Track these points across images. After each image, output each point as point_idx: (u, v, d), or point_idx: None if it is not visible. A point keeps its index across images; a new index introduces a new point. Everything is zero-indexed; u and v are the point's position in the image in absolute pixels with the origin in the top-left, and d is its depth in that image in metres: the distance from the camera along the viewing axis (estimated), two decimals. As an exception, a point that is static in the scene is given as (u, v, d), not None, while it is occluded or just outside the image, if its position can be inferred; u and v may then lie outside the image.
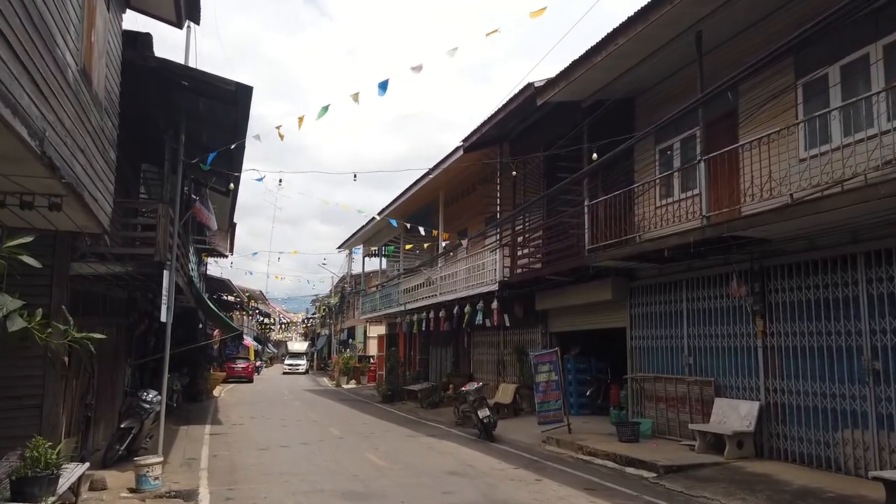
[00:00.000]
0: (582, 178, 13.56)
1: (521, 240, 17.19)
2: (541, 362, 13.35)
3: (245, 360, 41.24)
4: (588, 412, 16.50)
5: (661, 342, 12.69)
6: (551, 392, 13.19)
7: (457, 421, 16.98)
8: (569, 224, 14.24)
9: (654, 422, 12.34)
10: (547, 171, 17.55)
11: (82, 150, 6.40)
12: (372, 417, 19.22)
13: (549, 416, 13.13)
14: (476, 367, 21.99)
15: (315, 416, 19.27)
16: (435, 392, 21.85)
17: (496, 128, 16.55)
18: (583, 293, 14.88)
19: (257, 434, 15.04)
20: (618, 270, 13.63)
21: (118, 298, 13.90)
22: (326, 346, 61.05)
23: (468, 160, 18.83)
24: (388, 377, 27.62)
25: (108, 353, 13.07)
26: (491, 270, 17.85)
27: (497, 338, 20.39)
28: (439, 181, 21.48)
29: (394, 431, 15.64)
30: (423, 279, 23.37)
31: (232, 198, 18.19)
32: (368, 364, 38.19)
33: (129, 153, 14.33)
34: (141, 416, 10.45)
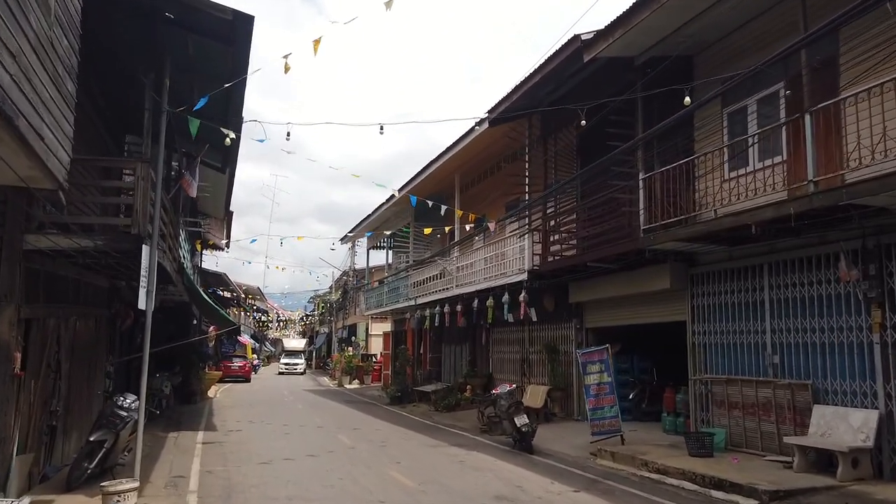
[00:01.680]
0: (635, 148, 11.68)
1: (553, 224, 15.27)
2: (589, 362, 11.44)
3: (242, 359, 39.29)
4: (630, 418, 14.56)
5: (735, 338, 10.78)
6: (604, 396, 11.29)
7: (481, 427, 15.08)
8: (618, 202, 12.32)
9: (727, 432, 10.45)
10: (581, 149, 15.69)
11: (13, 55, 4.47)
12: (383, 422, 17.30)
13: (605, 425, 11.23)
14: (496, 367, 20.08)
15: (320, 421, 17.34)
16: (451, 394, 19.94)
17: (526, 97, 14.61)
18: (631, 282, 12.98)
19: (257, 443, 13.11)
20: (677, 255, 11.73)
21: (96, 286, 11.97)
22: (326, 344, 59.11)
23: (490, 137, 16.92)
24: (397, 377, 25.70)
25: (83, 350, 11.14)
26: (517, 259, 15.94)
27: (520, 334, 18.48)
28: (456, 162, 19.57)
29: (412, 439, 13.71)
30: (437, 270, 21.45)
31: (228, 179, 16.24)
32: (372, 363, 36.26)
33: (110, 123, 12.38)
34: (116, 426, 8.50)
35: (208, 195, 15.59)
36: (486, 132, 16.14)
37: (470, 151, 17.88)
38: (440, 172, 20.65)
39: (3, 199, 7.26)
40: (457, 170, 20.49)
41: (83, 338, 11.18)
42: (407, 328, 26.50)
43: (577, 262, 13.71)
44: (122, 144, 13.70)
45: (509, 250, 16.33)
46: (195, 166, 11.74)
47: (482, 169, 20.93)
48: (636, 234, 11.61)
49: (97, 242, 7.68)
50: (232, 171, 15.13)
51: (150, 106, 8.20)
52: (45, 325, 8.57)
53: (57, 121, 5.66)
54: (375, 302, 29.62)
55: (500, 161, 18.84)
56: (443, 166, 20.03)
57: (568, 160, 15.76)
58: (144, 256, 7.73)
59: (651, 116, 12.07)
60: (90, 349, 11.76)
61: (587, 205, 13.39)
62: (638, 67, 12.11)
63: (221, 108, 9.79)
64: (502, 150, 18.38)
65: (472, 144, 17.08)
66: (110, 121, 12.02)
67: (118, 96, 11.07)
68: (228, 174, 15.32)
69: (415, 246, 25.30)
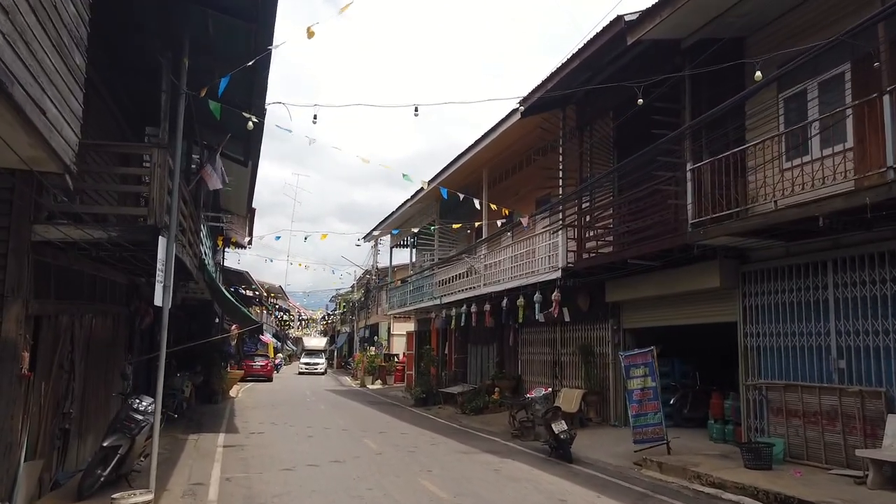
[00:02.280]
0: (682, 137, 10.91)
1: (589, 219, 14.52)
2: (633, 365, 10.68)
3: (264, 358, 38.94)
4: (672, 424, 13.73)
5: (793, 340, 9.97)
6: (648, 402, 10.53)
7: (513, 432, 14.39)
8: (662, 194, 11.55)
9: (785, 442, 9.64)
10: (618, 141, 14.94)
11: (5, 10, 3.89)
12: (409, 425, 16.67)
13: (648, 433, 10.47)
14: (525, 369, 19.36)
15: (344, 423, 16.76)
16: (478, 396, 19.26)
17: (561, 85, 13.89)
18: (675, 280, 12.20)
19: (280, 446, 12.54)
20: (727, 251, 10.94)
21: (114, 282, 11.48)
22: (347, 343, 58.71)
23: (521, 129, 16.21)
24: (421, 378, 25.09)
25: (100, 349, 10.65)
26: (550, 256, 15.22)
27: (551, 335, 17.74)
28: (485, 156, 18.90)
29: (442, 445, 13.06)
30: (464, 269, 20.79)
31: (251, 173, 15.68)
32: (395, 363, 35.70)
33: (129, 113, 11.87)
34: (131, 430, 7.96)
35: (230, 189, 15.08)
36: (518, 123, 15.45)
37: (501, 143, 17.20)
38: (468, 167, 19.99)
39: (9, 186, 6.74)
40: (485, 164, 19.82)
41: (100, 336, 10.69)
42: (432, 328, 25.86)
43: (615, 259, 12.96)
44: (143, 136, 13.22)
45: (542, 247, 15.62)
46: (216, 157, 11.17)
47: (511, 163, 20.23)
48: (683, 229, 10.85)
49: (111, 234, 7.12)
50: (255, 164, 14.58)
51: (168, 88, 7.63)
52: (57, 322, 8.05)
53: (62, 95, 5.09)
54: (399, 301, 29.04)
55: (531, 155, 18.11)
56: (471, 161, 19.37)
57: (604, 153, 15.02)
58: (161, 249, 7.16)
59: (698, 104, 11.32)
60: (108, 348, 11.28)
61: (628, 198, 12.63)
62: (685, 51, 11.33)
63: (244, 91, 9.20)
64: (533, 143, 17.65)
65: (504, 136, 16.39)
66: (129, 111, 11.53)
67: (137, 85, 10.55)
68: (251, 168, 14.77)
69: (440, 244, 24.64)
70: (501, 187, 20.93)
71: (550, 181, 15.27)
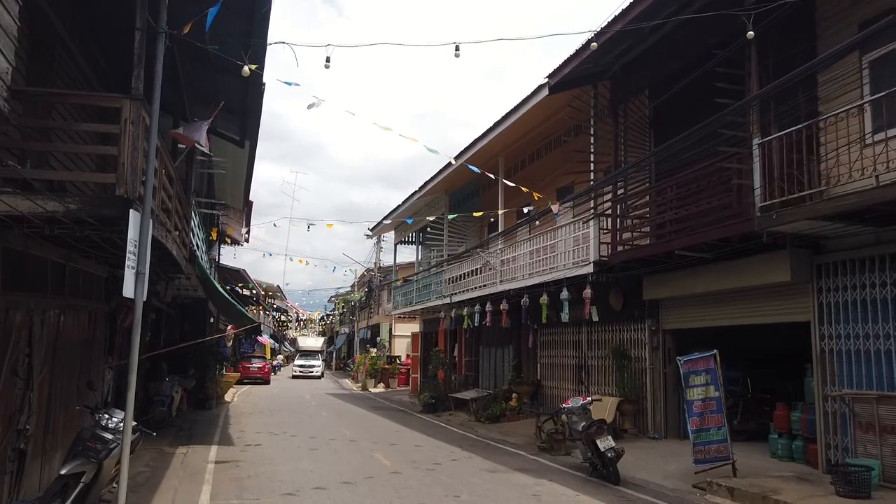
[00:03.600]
0: (747, 107, 9.42)
1: (626, 207, 13.01)
2: (693, 372, 9.15)
3: (261, 360, 37.42)
4: (719, 436, 12.32)
5: (887, 344, 8.48)
6: (711, 415, 9.01)
7: (540, 445, 12.88)
8: (720, 176, 10.04)
9: (879, 464, 8.14)
10: (654, 122, 13.47)
11: None
12: (422, 435, 15.14)
13: (710, 451, 8.95)
14: (545, 373, 17.85)
15: (350, 433, 15.23)
16: (494, 403, 17.74)
17: (595, 57, 12.41)
18: (731, 274, 10.71)
19: (280, 463, 11.01)
20: (800, 239, 9.45)
21: (91, 275, 9.97)
22: (346, 344, 57.20)
23: (547, 109, 14.73)
24: (429, 382, 23.57)
25: (72, 351, 9.14)
26: (580, 249, 13.71)
27: (576, 336, 16.24)
28: (502, 142, 17.39)
29: (464, 461, 11.53)
30: (476, 265, 19.28)
31: (249, 155, 14.10)
32: (398, 365, 34.16)
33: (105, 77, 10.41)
34: (97, 453, 6.42)
35: (224, 171, 13.55)
36: (544, 102, 13.95)
37: (522, 126, 15.68)
38: (483, 154, 18.45)
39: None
40: (501, 151, 18.31)
41: (71, 336, 9.17)
42: (441, 328, 24.32)
43: (659, 252, 11.45)
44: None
45: (570, 239, 14.10)
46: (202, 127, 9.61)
47: (529, 151, 18.76)
48: (748, 214, 9.34)
49: (69, 206, 5.60)
50: (252, 144, 13.03)
51: (143, 25, 6.08)
52: (7, 318, 6.53)
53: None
54: (404, 300, 27.50)
55: (558, 137, 16.67)
56: (486, 148, 17.85)
57: (639, 135, 13.54)
58: (133, 226, 5.63)
59: (763, 71, 9.85)
60: (82, 350, 9.76)
61: (676, 181, 11.12)
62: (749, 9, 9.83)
63: (239, 28, 7.65)
64: (555, 127, 16.21)
65: (527, 117, 14.85)
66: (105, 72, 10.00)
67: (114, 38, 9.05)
68: (248, 149, 13.23)
69: (449, 239, 23.12)
70: (520, 176, 19.39)
71: (579, 165, 13.74)
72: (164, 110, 11.33)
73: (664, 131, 12.92)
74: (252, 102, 10.47)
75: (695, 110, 12.17)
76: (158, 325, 18.63)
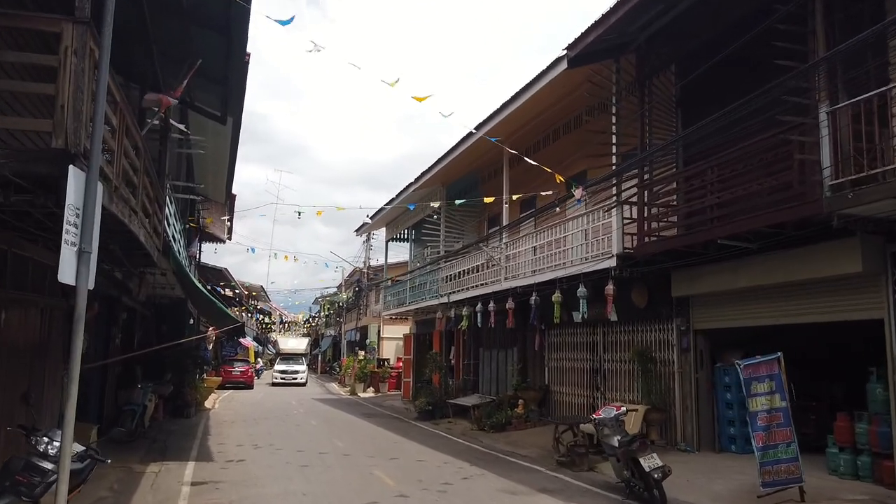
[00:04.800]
0: (811, 71, 8.14)
1: (649, 194, 11.69)
2: (755, 378, 7.82)
3: (244, 363, 35.76)
4: (759, 449, 11.04)
5: None
6: (778, 429, 7.68)
7: (559, 459, 11.52)
8: (778, 152, 8.73)
9: (984, 487, 6.87)
10: (681, 101, 12.19)
11: None
12: (423, 447, 13.72)
13: (780, 472, 7.61)
14: (553, 378, 16.51)
15: (343, 444, 13.77)
16: (499, 410, 16.35)
17: (619, 26, 11.12)
18: (786, 266, 9.44)
19: (267, 484, 9.54)
20: (874, 224, 8.17)
21: (43, 265, 8.48)
22: (331, 347, 55.63)
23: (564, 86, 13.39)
24: (426, 387, 22.15)
25: (15, 357, 7.67)
26: (599, 241, 12.40)
27: (590, 337, 14.92)
28: (507, 127, 16.04)
29: (477, 479, 10.12)
30: (477, 262, 17.92)
31: (232, 135, 12.58)
32: (388, 369, 32.67)
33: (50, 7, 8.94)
34: (31, 488, 4.95)
35: (203, 152, 12.03)
36: (561, 78, 12.62)
37: (535, 105, 14.28)
38: (485, 141, 17.12)
39: None
40: (506, 139, 16.94)
41: (16, 339, 7.70)
42: (437, 329, 22.91)
43: (696, 242, 10.14)
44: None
45: (587, 230, 12.77)
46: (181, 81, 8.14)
47: (534, 139, 17.43)
48: (814, 194, 8.06)
49: (-13, 161, 4.13)
50: (237, 121, 11.54)
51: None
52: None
53: None
54: (396, 300, 26.06)
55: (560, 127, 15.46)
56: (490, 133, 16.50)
57: (665, 115, 12.24)
58: (73, 187, 4.19)
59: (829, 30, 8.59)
60: (31, 356, 8.28)
61: (719, 161, 9.81)
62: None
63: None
64: (566, 111, 14.92)
65: (540, 95, 13.48)
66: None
67: None
68: (231, 127, 11.73)
69: (447, 234, 21.71)
70: (521, 168, 18.07)
71: (599, 148, 12.39)
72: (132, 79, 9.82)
73: (694, 111, 11.68)
74: (235, 65, 9.02)
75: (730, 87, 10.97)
76: (131, 326, 17.05)
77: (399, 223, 26.81)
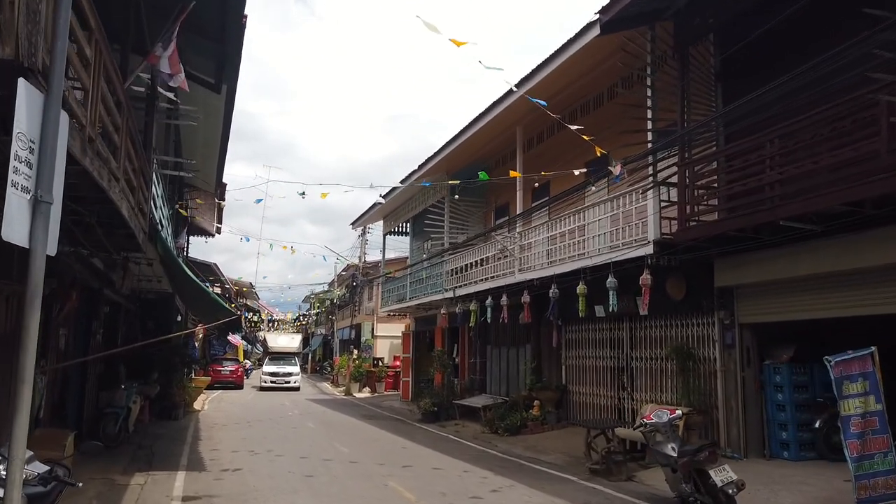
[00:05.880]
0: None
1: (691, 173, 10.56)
2: (847, 377, 6.69)
3: (234, 362, 34.42)
4: (815, 455, 9.98)
5: None
6: (873, 437, 6.57)
7: (591, 466, 10.39)
8: (867, 112, 7.63)
9: None
10: (722, 73, 11.12)
11: None
12: (435, 452, 12.55)
13: (878, 487, 6.49)
14: (571, 377, 15.38)
15: (348, 450, 12.57)
16: (512, 411, 15.21)
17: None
18: (861, 250, 8.35)
19: (269, 499, 8.32)
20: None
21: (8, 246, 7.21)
22: (322, 346, 54.33)
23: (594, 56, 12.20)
24: (428, 387, 20.98)
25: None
26: (631, 227, 11.29)
27: (615, 333, 13.81)
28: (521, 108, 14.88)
29: (506, 492, 8.95)
30: (485, 254, 16.78)
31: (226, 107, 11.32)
32: (385, 368, 31.46)
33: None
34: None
35: (195, 123, 10.75)
36: (591, 47, 11.47)
37: (561, 76, 12.98)
38: (497, 125, 15.99)
39: None
40: (520, 120, 15.83)
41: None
42: (440, 326, 21.70)
43: (752, 224, 9.05)
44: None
45: (619, 215, 11.65)
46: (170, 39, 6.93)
47: (548, 122, 16.28)
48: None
49: None
50: (231, 90, 10.29)
51: None
52: None
53: None
54: (396, 296, 24.84)
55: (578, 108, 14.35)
56: (501, 116, 15.38)
57: (704, 89, 11.15)
58: (24, 109, 2.98)
59: None
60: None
61: (781, 132, 8.70)
62: None
63: None
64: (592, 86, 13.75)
65: (566, 66, 12.26)
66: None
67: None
68: (225, 96, 10.48)
69: (451, 225, 20.53)
70: (534, 153, 16.99)
71: (633, 123, 11.26)
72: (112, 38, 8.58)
73: (737, 84, 10.61)
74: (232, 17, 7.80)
75: (777, 58, 9.94)
76: (115, 321, 15.74)
77: (398, 215, 25.62)
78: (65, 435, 8.98)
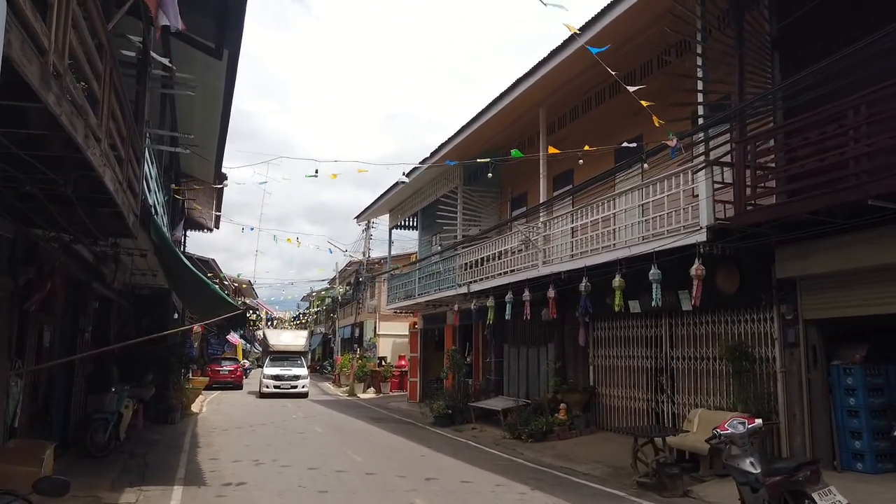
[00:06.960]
0: None
1: (751, 151, 9.40)
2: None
3: (233, 362, 33.33)
4: (891, 467, 8.86)
5: None
6: None
7: (639, 479, 9.26)
8: None
9: None
10: (779, 41, 10.00)
11: None
12: (459, 462, 11.41)
13: None
14: (599, 378, 14.23)
15: (362, 459, 11.42)
16: (537, 415, 14.07)
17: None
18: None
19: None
20: None
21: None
22: (321, 345, 53.20)
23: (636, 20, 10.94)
24: (438, 388, 19.86)
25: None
26: (680, 212, 10.15)
27: (651, 331, 12.68)
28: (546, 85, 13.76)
29: (550, 511, 7.83)
30: (510, 244, 15.63)
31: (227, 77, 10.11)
32: (390, 368, 30.31)
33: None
34: None
35: (192, 93, 9.54)
36: (640, 5, 10.26)
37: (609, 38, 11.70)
38: (517, 105, 14.84)
39: None
40: (544, 100, 14.70)
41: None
42: (451, 324, 20.56)
43: (829, 205, 7.92)
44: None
45: (664, 200, 10.51)
46: None
47: (574, 102, 15.19)
48: None
49: None
50: (233, 58, 9.10)
51: None
52: None
53: None
54: (403, 293, 23.64)
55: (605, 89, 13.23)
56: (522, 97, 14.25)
57: (759, 58, 10.02)
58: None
59: None
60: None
61: (868, 99, 7.56)
62: None
63: None
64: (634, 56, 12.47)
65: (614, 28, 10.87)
66: None
67: None
68: (227, 62, 9.29)
69: (463, 217, 19.38)
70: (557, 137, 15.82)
71: (684, 94, 10.10)
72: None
73: (797, 54, 9.52)
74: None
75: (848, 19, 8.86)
76: (106, 318, 14.60)
77: (405, 208, 24.45)
78: (43, 447, 7.77)
